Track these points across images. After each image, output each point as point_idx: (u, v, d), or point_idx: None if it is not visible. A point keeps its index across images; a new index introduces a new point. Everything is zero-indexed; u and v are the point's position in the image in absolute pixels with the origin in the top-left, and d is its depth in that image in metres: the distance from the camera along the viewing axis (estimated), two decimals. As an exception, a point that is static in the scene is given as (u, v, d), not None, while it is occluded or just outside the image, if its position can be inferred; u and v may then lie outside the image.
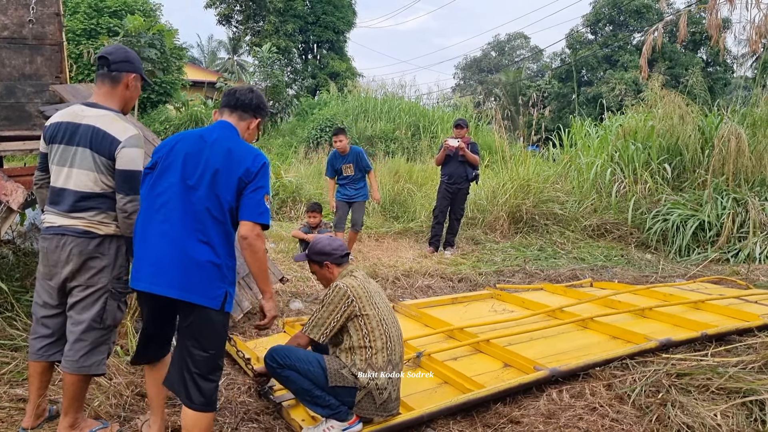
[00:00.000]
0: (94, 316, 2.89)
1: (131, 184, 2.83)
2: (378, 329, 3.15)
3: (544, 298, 5.88)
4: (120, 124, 2.88)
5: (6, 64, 4.76)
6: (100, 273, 2.88)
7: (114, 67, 2.97)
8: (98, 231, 2.87)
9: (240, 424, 3.35)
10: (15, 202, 3.84)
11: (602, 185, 10.26)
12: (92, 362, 2.90)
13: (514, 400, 3.70)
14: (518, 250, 8.83)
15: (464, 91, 43.24)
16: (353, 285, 3.19)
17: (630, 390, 3.71)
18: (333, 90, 26.11)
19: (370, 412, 3.15)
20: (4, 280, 4.43)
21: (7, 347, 3.98)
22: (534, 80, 37.04)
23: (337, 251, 3.40)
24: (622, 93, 26.15)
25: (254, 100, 2.90)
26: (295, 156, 16.86)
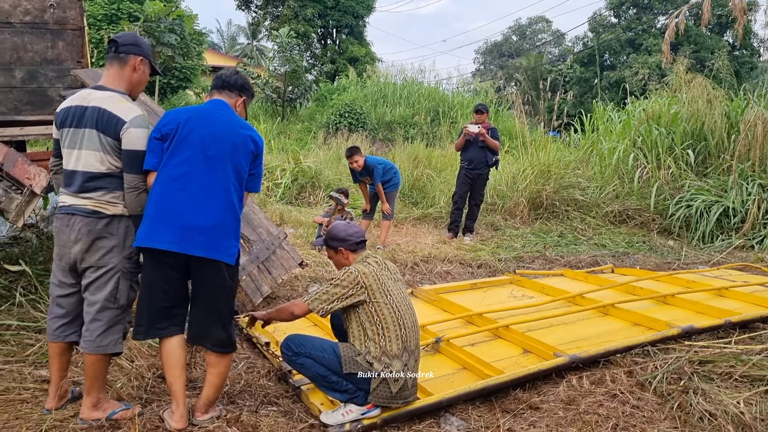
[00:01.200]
0: (108, 296, 2.93)
1: (136, 163, 2.88)
2: (390, 317, 3.13)
3: (564, 284, 5.84)
4: (125, 105, 2.92)
5: (28, 49, 4.79)
6: (110, 253, 2.92)
7: (122, 49, 3.01)
8: (106, 211, 2.91)
9: (260, 407, 3.37)
10: (38, 186, 3.88)
11: (624, 171, 10.13)
12: (109, 341, 2.96)
13: (533, 386, 3.68)
14: (538, 236, 8.77)
15: (484, 76, 42.88)
16: (365, 272, 3.17)
17: (651, 377, 3.67)
18: (352, 75, 26.03)
19: (386, 400, 3.14)
20: (28, 264, 4.50)
21: (31, 329, 4.04)
22: (555, 65, 36.59)
23: (352, 237, 3.38)
24: (646, 77, 25.68)
25: (239, 81, 3.19)
26: (314, 141, 16.85)
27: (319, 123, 19.72)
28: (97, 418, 3.00)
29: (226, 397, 3.45)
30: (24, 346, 3.87)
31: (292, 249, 5.52)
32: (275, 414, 3.30)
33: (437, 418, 3.31)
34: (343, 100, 20.39)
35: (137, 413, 3.10)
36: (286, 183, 11.13)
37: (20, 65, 4.79)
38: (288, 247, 5.46)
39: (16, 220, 3.88)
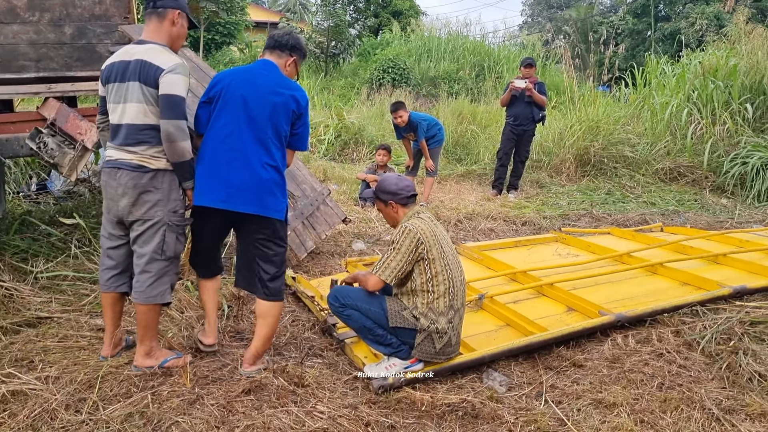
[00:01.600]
0: (155, 248, 3.00)
1: (172, 108, 2.85)
2: (442, 274, 3.12)
3: (611, 243, 5.74)
4: (166, 56, 2.93)
5: (77, 5, 4.83)
6: (155, 206, 2.96)
7: (159, 3, 3.02)
8: (150, 165, 2.93)
9: (305, 359, 3.45)
10: (89, 140, 3.98)
11: (677, 127, 9.77)
12: (158, 292, 3.04)
13: (577, 344, 3.67)
14: (585, 193, 8.60)
15: (532, 28, 41.62)
16: (422, 228, 3.14)
17: (700, 337, 3.61)
18: (396, 29, 25.63)
19: (429, 356, 3.17)
20: (82, 217, 4.64)
21: (86, 280, 4.20)
22: (606, 16, 35.21)
23: (403, 191, 3.34)
24: (703, 28, 24.54)
25: (290, 41, 3.25)
26: (357, 97, 16.76)
27: (363, 78, 19.58)
28: (149, 366, 3.11)
29: (273, 349, 3.54)
30: (80, 296, 4.03)
31: (335, 205, 5.55)
32: (320, 366, 3.38)
33: (480, 374, 3.33)
34: (386, 55, 20.15)
35: (188, 361, 3.21)
36: (329, 139, 11.14)
37: (69, 21, 4.84)
38: (332, 203, 5.49)
39: (69, 174, 3.99)
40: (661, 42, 27.47)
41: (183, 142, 2.89)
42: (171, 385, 3.01)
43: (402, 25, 27.20)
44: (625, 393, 3.08)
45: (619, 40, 27.03)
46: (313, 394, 3.04)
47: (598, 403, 3.02)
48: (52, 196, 6.11)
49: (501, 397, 3.12)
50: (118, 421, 2.68)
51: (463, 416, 2.90)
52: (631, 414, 2.91)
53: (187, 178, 3.02)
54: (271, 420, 2.76)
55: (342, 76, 21.13)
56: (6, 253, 4.25)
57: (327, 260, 5.33)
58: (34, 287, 4.04)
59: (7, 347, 3.32)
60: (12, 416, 2.71)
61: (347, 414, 2.87)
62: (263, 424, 2.72)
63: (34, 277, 4.11)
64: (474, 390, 3.16)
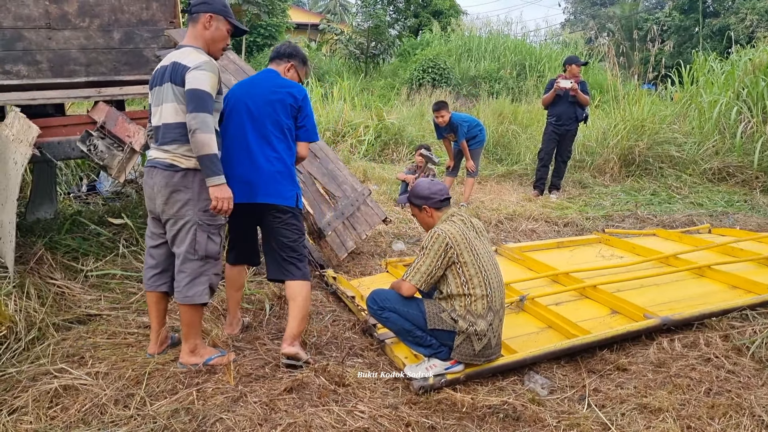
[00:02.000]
0: (188, 248, 3.05)
1: (195, 101, 2.88)
2: (477, 276, 3.11)
3: (656, 244, 5.61)
4: (194, 55, 2.99)
5: (125, 10, 4.97)
6: (186, 206, 3.01)
7: (193, 9, 3.10)
8: (180, 164, 2.98)
9: (346, 358, 3.48)
10: (137, 143, 4.08)
11: (726, 125, 9.50)
12: (194, 292, 3.09)
13: (621, 348, 3.60)
14: (629, 194, 8.44)
15: (575, 26, 40.97)
16: (451, 231, 3.13)
17: (750, 342, 3.51)
18: (436, 29, 25.55)
19: (469, 358, 3.16)
20: (129, 217, 4.77)
21: (133, 278, 4.31)
22: (652, 12, 34.43)
23: (436, 195, 3.33)
24: (754, 24, 23.79)
25: (287, 49, 3.54)
26: (397, 98, 16.77)
27: (402, 79, 19.57)
28: (194, 363, 3.18)
29: (314, 348, 3.57)
30: (128, 294, 4.14)
31: (376, 205, 5.57)
32: (360, 365, 3.40)
33: (521, 376, 3.31)
34: (426, 54, 20.10)
35: (232, 359, 3.27)
36: (369, 140, 11.18)
37: (118, 26, 4.98)
38: (372, 204, 5.51)
39: (118, 175, 4.11)
40: (709, 38, 26.74)
41: (204, 134, 2.87)
42: (215, 382, 3.07)
43: (442, 25, 27.10)
44: (671, 398, 3.02)
45: (665, 37, 26.44)
46: (353, 393, 3.06)
47: (642, 407, 2.96)
48: (101, 196, 6.29)
49: (543, 399, 3.09)
50: (164, 417, 2.74)
51: (504, 418, 2.88)
52: (677, 420, 2.85)
53: (209, 173, 2.94)
54: (312, 419, 2.79)
55: (382, 76, 21.17)
56: (58, 252, 4.39)
57: (367, 260, 5.35)
58: (84, 285, 4.17)
59: (59, 343, 3.43)
60: (64, 410, 2.80)
61: (388, 414, 2.88)
62: (305, 422, 2.75)
63: (84, 275, 4.24)
64: (515, 392, 3.14)
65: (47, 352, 3.30)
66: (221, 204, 2.95)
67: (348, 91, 13.73)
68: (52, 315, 3.68)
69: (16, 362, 3.23)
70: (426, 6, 31.66)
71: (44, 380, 3.03)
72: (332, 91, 13.60)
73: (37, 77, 4.78)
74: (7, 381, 3.06)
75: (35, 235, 4.56)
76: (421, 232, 6.32)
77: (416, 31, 30.55)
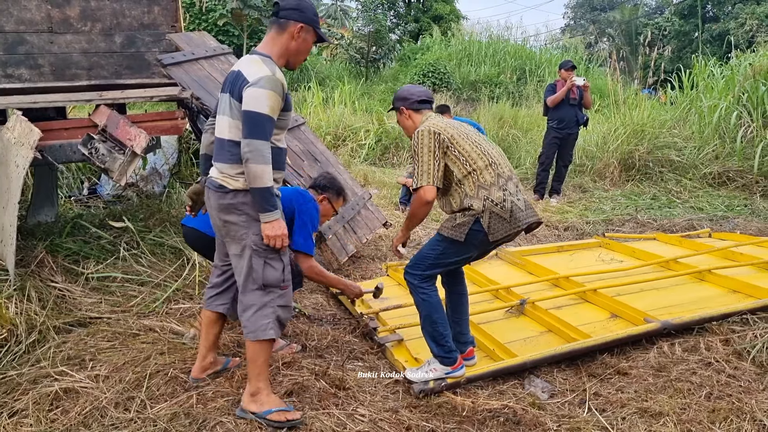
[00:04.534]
0: (245, 276, 2.75)
1: (251, 126, 2.55)
2: (474, 151, 3.02)
3: (656, 249, 5.61)
4: (257, 66, 2.65)
5: (126, 14, 4.99)
6: (240, 228, 2.71)
7: (282, 14, 2.74)
8: (229, 185, 2.68)
9: (346, 361, 3.48)
10: (138, 146, 4.09)
11: (726, 130, 9.50)
12: (258, 326, 2.75)
13: (621, 352, 3.60)
14: (629, 198, 8.44)
15: (575, 31, 41.05)
16: (434, 123, 3.06)
17: (750, 346, 3.51)
18: (436, 34, 25.55)
19: (506, 232, 3.01)
20: (131, 220, 4.77)
21: (134, 282, 4.31)
22: (652, 17, 34.51)
23: (414, 96, 3.20)
24: (753, 29, 23.85)
25: (322, 182, 3.75)
26: (398, 102, 16.76)
27: (403, 83, 19.57)
28: (253, 412, 2.79)
29: (315, 352, 3.57)
30: (128, 297, 4.14)
31: (376, 209, 5.58)
32: (361, 369, 3.40)
33: (521, 380, 3.31)
34: (426, 59, 20.11)
35: (296, 418, 2.79)
36: (370, 144, 11.19)
37: (119, 30, 5.00)
38: (372, 208, 5.52)
39: (119, 179, 4.12)
40: (709, 43, 26.81)
41: (258, 165, 2.54)
42: (216, 385, 3.07)
43: (442, 30, 27.12)
44: (672, 402, 3.02)
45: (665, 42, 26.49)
46: (354, 397, 3.06)
47: (643, 412, 2.96)
48: (102, 200, 6.30)
49: (543, 403, 3.09)
50: (164, 420, 2.74)
51: (505, 422, 2.88)
52: (678, 424, 2.85)
53: (260, 208, 2.62)
54: (312, 422, 2.79)
55: (382, 81, 21.17)
56: (59, 255, 4.40)
57: (368, 264, 5.35)
58: (85, 288, 4.17)
59: (59, 346, 3.43)
60: (64, 413, 2.80)
61: (388, 417, 2.88)
62: (305, 425, 2.75)
63: (85, 278, 4.24)
64: (515, 396, 3.14)
65: (48, 355, 3.30)
66: (273, 242, 2.66)
67: (348, 96, 13.75)
68: (52, 318, 3.68)
69: (17, 365, 3.23)
70: (426, 11, 31.73)
71: (45, 383, 3.04)
72: (333, 95, 13.62)
73: (39, 81, 4.80)
74: (8, 384, 3.06)
75: (36, 238, 4.57)
76: (422, 234, 6.32)
77: (416, 35, 30.59)
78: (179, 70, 4.74)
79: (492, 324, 3.96)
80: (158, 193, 6.32)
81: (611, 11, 39.63)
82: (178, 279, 4.32)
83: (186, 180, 6.61)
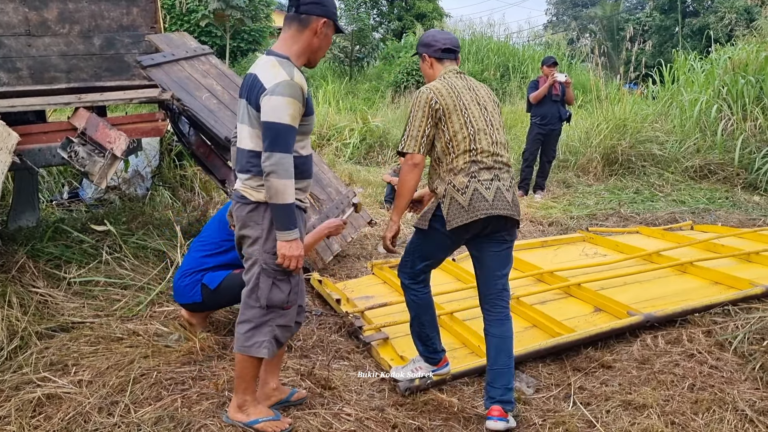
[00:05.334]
0: (248, 291, 2.62)
1: (272, 138, 2.41)
2: (461, 132, 2.80)
3: (639, 242, 5.66)
4: (274, 70, 2.47)
5: (105, 16, 4.95)
6: (254, 243, 2.58)
7: (303, 9, 2.54)
8: (251, 197, 2.54)
9: (332, 361, 3.47)
10: (118, 149, 4.05)
11: (707, 123, 9.60)
12: (252, 343, 2.62)
13: (605, 345, 3.63)
14: (612, 192, 8.50)
15: (557, 27, 41.27)
16: (436, 86, 2.84)
17: (732, 337, 3.55)
18: (419, 32, 25.58)
19: (461, 217, 2.77)
20: (113, 224, 4.73)
21: (117, 285, 4.28)
22: (633, 13, 34.76)
23: (438, 43, 2.94)
24: (732, 23, 24.06)
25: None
26: (381, 101, 16.78)
27: (387, 82, 19.58)
28: (240, 421, 2.73)
29: (300, 352, 3.57)
30: (111, 301, 4.11)
31: (362, 208, 5.57)
32: (346, 368, 3.40)
33: (506, 375, 3.31)
34: (410, 57, 20.12)
35: (285, 428, 2.74)
36: (354, 143, 11.17)
37: (98, 32, 4.95)
38: (357, 206, 5.51)
39: (99, 182, 4.08)
40: (689, 38, 27.05)
41: (279, 180, 2.41)
42: (200, 388, 3.06)
43: (426, 28, 27.14)
44: (655, 394, 3.05)
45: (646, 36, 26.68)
46: (339, 396, 3.06)
47: (627, 404, 2.99)
48: (84, 203, 6.24)
49: (528, 398, 3.11)
50: (149, 424, 2.72)
51: (490, 418, 2.89)
52: (662, 416, 2.88)
53: (279, 226, 2.48)
54: (298, 423, 2.79)
55: (366, 79, 21.17)
56: (40, 260, 4.35)
57: (353, 263, 5.35)
58: (67, 293, 4.13)
59: (42, 352, 3.40)
60: (47, 419, 2.78)
61: (374, 416, 2.89)
62: (291, 426, 2.75)
63: (67, 283, 4.20)
64: (501, 392, 3.14)
65: (30, 361, 3.27)
66: (288, 262, 2.51)
67: (333, 95, 13.73)
68: (34, 323, 3.64)
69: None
70: (409, 9, 31.75)
71: (27, 389, 3.00)
72: (317, 94, 13.59)
73: (17, 84, 4.75)
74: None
75: (17, 244, 4.51)
76: (407, 233, 6.32)
77: (400, 34, 30.59)
78: (159, 71, 4.70)
79: (477, 320, 3.94)
80: (141, 195, 6.27)
81: (593, 7, 39.90)
82: (162, 282, 4.29)
83: (169, 182, 6.56)
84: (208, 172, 5.28)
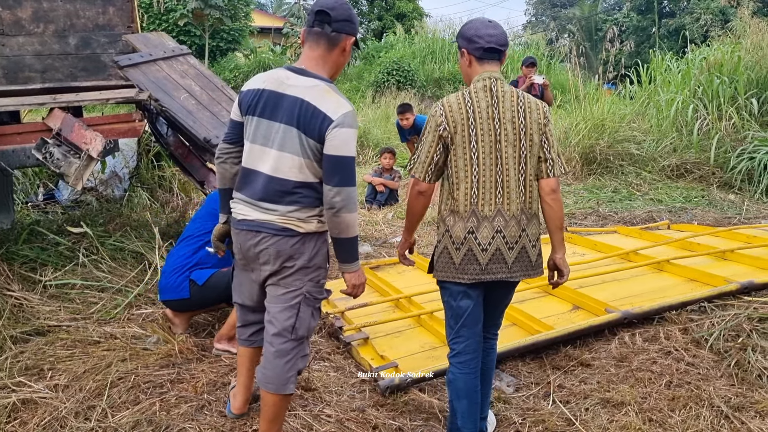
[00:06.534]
0: (290, 325, 2.45)
1: (342, 173, 2.30)
2: (464, 170, 2.43)
3: (617, 241, 5.72)
4: (334, 99, 2.33)
5: (81, 15, 4.89)
6: (296, 274, 2.42)
7: (336, 26, 2.38)
8: (299, 228, 2.37)
9: (312, 362, 3.46)
10: (94, 150, 4.01)
11: (683, 123, 9.72)
12: (284, 379, 2.47)
13: (584, 343, 3.66)
14: (591, 192, 8.58)
15: (536, 28, 41.56)
16: (452, 104, 2.44)
17: (708, 334, 3.59)
18: (399, 32, 25.62)
19: (450, 273, 2.49)
20: (90, 225, 4.67)
21: (94, 288, 4.23)
22: (611, 13, 35.13)
23: (481, 41, 2.48)
24: (708, 23, 24.41)
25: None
26: (362, 101, 16.79)
27: (367, 82, 19.60)
28: None
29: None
30: (88, 303, 4.06)
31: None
32: (327, 369, 3.39)
33: (487, 374, 3.33)
34: (390, 57, 20.16)
35: None
36: (335, 143, 11.15)
37: (74, 32, 4.89)
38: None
39: (75, 183, 4.03)
40: (666, 38, 27.40)
41: (350, 215, 2.33)
42: (179, 391, 3.03)
43: (406, 28, 27.20)
44: (633, 392, 3.08)
45: (623, 37, 26.95)
46: (320, 398, 3.06)
47: (606, 402, 3.02)
48: (60, 205, 6.16)
49: (508, 397, 3.12)
50: (126, 428, 2.70)
51: (471, 417, 2.90)
52: (639, 413, 2.91)
53: (348, 258, 2.43)
54: (278, 424, 2.77)
55: (347, 79, 21.15)
56: (15, 262, 4.28)
57: (333, 263, 5.32)
58: (43, 296, 4.07)
59: (17, 356, 3.35)
60: (22, 424, 2.74)
61: (355, 417, 2.89)
62: (271, 428, 2.73)
63: (42, 286, 4.14)
64: (481, 391, 3.16)
65: (5, 366, 3.21)
66: (356, 291, 2.53)
67: (312, 95, 13.68)
68: (9, 327, 3.58)
69: (-28, 377, 3.14)
70: (389, 9, 31.78)
71: (2, 394, 2.96)
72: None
73: (-10, 84, 4.67)
74: (-37, 397, 2.97)
75: (-9, 246, 4.45)
76: (388, 233, 6.33)
77: (380, 34, 30.61)
78: (137, 71, 4.65)
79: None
80: (118, 197, 6.20)
81: (571, 8, 40.22)
82: (140, 284, 4.25)
83: (147, 183, 6.50)
84: (186, 173, 5.24)
